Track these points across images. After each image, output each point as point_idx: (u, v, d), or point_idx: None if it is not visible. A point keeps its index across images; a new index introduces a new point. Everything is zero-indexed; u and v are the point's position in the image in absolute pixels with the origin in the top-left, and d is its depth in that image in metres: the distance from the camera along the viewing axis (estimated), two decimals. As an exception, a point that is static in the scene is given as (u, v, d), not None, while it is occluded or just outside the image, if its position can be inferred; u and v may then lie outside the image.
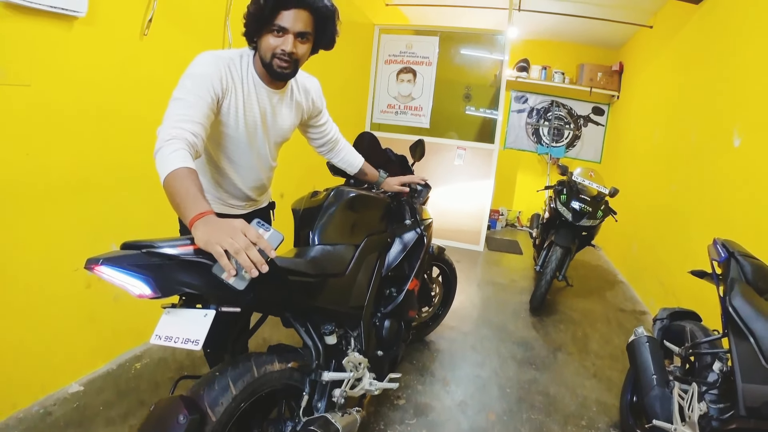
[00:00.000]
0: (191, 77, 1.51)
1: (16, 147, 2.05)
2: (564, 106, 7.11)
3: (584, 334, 3.59)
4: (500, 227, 7.16)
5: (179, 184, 1.26)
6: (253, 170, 1.86)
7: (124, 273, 1.13)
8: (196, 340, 1.26)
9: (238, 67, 1.65)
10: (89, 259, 1.12)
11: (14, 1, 1.87)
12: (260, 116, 1.74)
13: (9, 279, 2.09)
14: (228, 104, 1.63)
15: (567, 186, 4.12)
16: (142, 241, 1.20)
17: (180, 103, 1.45)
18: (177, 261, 1.20)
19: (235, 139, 1.72)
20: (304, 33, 1.60)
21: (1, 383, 2.11)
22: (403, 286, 2.37)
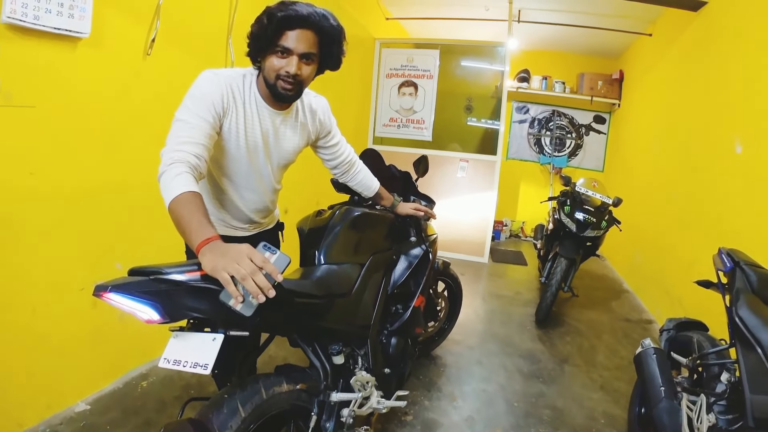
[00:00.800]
0: (192, 98, 1.52)
1: (21, 168, 2.08)
2: (565, 116, 7.14)
3: (591, 346, 3.58)
4: (504, 238, 7.18)
5: (184, 210, 1.26)
6: (256, 192, 1.83)
7: (133, 299, 1.14)
8: (205, 365, 1.27)
9: (240, 86, 1.63)
10: (98, 285, 1.13)
11: (19, 23, 1.91)
12: (262, 138, 1.71)
13: (15, 298, 2.11)
14: (229, 124, 1.61)
15: (570, 197, 4.12)
16: (149, 267, 1.21)
17: (182, 125, 1.46)
18: (184, 287, 1.21)
19: (236, 160, 1.70)
20: (308, 54, 1.58)
21: (8, 403, 2.12)
22: (409, 303, 2.37)
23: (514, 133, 7.31)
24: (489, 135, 5.90)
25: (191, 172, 1.37)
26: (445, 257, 5.52)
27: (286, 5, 1.53)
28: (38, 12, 1.95)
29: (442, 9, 5.68)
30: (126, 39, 2.43)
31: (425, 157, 2.70)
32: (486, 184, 5.69)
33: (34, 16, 1.94)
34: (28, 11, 1.91)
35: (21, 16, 1.90)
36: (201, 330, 1.35)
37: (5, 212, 2.04)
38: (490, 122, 5.90)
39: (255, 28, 1.57)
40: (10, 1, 1.85)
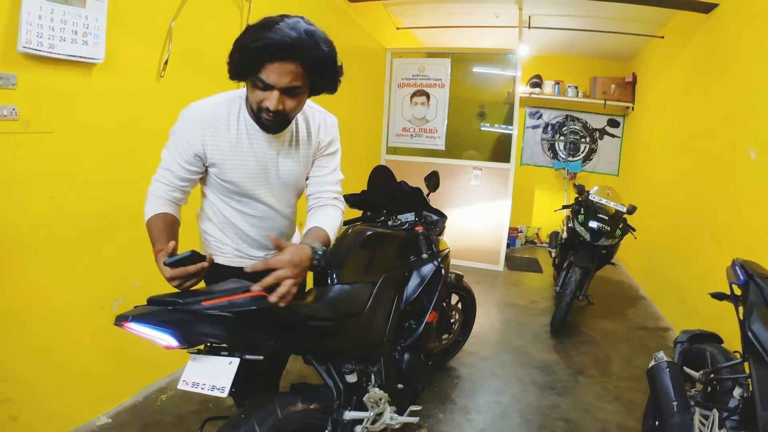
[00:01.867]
0: (171, 137, 1.62)
1: (41, 191, 2.16)
2: (579, 120, 7.12)
3: (606, 356, 3.58)
4: (519, 245, 7.16)
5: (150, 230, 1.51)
6: (268, 220, 1.76)
7: (152, 328, 1.22)
8: (222, 388, 1.34)
9: (225, 121, 1.56)
10: (119, 316, 1.21)
11: (35, 52, 1.97)
12: (259, 164, 1.63)
13: (37, 317, 2.19)
14: (220, 159, 1.57)
15: (584, 205, 4.12)
16: (167, 297, 1.29)
17: (162, 163, 1.63)
18: (200, 315, 1.27)
19: (239, 192, 1.66)
20: (292, 88, 1.43)
21: (31, 418, 2.20)
22: (422, 319, 2.40)
23: (528, 138, 7.31)
24: (502, 142, 5.91)
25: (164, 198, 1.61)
26: (460, 266, 5.62)
27: (264, 30, 1.36)
28: (53, 41, 2.02)
29: (453, 18, 5.70)
30: (139, 62, 2.50)
31: (436, 173, 2.74)
32: (500, 191, 5.70)
33: (49, 45, 2.01)
34: (43, 40, 1.98)
35: (37, 45, 1.97)
36: (218, 353, 1.41)
37: (28, 235, 2.13)
38: (503, 128, 5.91)
39: (235, 55, 1.42)
40: (26, 32, 1.92)
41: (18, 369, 2.14)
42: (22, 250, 2.12)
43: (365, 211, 2.59)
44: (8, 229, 2.06)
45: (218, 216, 1.73)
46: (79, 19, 2.09)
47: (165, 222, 1.53)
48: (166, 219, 1.54)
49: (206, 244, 1.81)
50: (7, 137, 2.00)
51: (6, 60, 1.94)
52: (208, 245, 1.79)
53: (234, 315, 1.29)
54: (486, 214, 5.77)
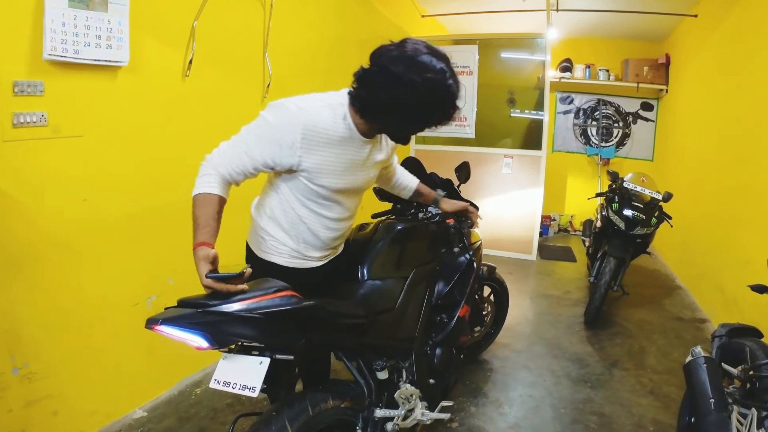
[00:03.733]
0: (262, 125, 1.56)
1: (74, 194, 2.23)
2: (611, 104, 6.97)
3: (641, 348, 3.52)
4: (552, 233, 7.07)
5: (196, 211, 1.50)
6: (341, 222, 1.79)
7: (182, 330, 1.25)
8: (252, 387, 1.37)
9: (328, 125, 1.56)
10: (149, 318, 1.24)
11: (60, 59, 2.03)
12: (352, 169, 1.67)
13: (75, 316, 2.27)
14: (315, 167, 1.58)
15: (618, 193, 4.03)
16: (197, 299, 1.32)
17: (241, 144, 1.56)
18: (230, 317, 1.30)
19: (327, 197, 1.67)
20: None
21: (70, 412, 2.29)
22: (454, 313, 2.40)
23: (559, 124, 7.19)
24: (533, 129, 5.83)
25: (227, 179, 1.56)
26: (492, 256, 5.62)
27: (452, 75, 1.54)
28: (77, 46, 2.06)
29: (478, 3, 5.63)
30: (164, 63, 2.54)
31: (467, 164, 2.72)
32: (532, 180, 5.63)
33: (74, 51, 2.06)
34: (68, 47, 2.03)
35: (62, 52, 2.02)
36: (249, 352, 1.44)
37: (63, 237, 2.20)
38: (534, 114, 5.83)
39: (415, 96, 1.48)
40: (50, 39, 1.97)
41: (57, 366, 2.22)
42: (58, 252, 2.19)
43: (395, 203, 2.58)
44: (44, 232, 2.14)
45: (289, 215, 1.70)
46: (102, 23, 2.13)
47: (216, 208, 1.51)
48: (219, 204, 1.53)
49: (260, 241, 1.78)
50: (38, 143, 2.06)
51: (33, 68, 2.00)
52: (263, 242, 1.77)
53: (263, 316, 1.32)
54: (518, 202, 5.71)
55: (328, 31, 3.88)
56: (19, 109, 1.99)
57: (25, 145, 2.03)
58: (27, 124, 2.01)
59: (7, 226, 2.03)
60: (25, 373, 2.13)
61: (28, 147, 2.05)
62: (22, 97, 1.98)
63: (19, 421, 2.12)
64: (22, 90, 1.98)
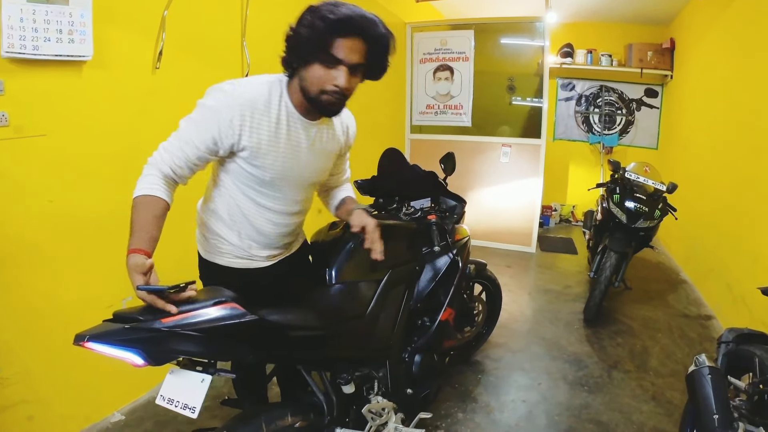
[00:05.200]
0: (200, 110, 1.49)
1: (39, 195, 2.18)
2: (614, 91, 6.77)
3: (643, 348, 3.37)
4: (554, 224, 6.91)
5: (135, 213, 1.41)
6: (285, 216, 1.69)
7: (113, 347, 1.14)
8: (193, 408, 1.28)
9: (265, 101, 1.50)
10: (77, 335, 1.15)
11: (19, 56, 1.97)
12: (293, 153, 1.58)
13: (47, 319, 2.22)
14: (256, 142, 1.49)
15: (620, 184, 3.86)
16: (132, 312, 1.21)
17: (180, 134, 1.50)
18: (164, 333, 1.19)
19: (265, 183, 1.58)
20: (358, 66, 1.45)
21: (49, 415, 2.26)
22: (436, 316, 2.26)
23: (561, 111, 7.00)
24: (532, 116, 5.66)
25: (167, 174, 1.47)
26: (490, 248, 5.52)
27: (336, 6, 1.38)
28: (37, 42, 2.00)
29: (475, -14, 5.46)
30: (132, 55, 2.45)
31: (452, 154, 2.57)
32: (531, 169, 5.47)
33: (33, 47, 2.00)
34: (26, 43, 1.97)
35: (20, 48, 1.96)
36: (195, 367, 1.34)
37: (30, 239, 2.16)
38: (533, 101, 5.67)
39: (304, 30, 1.40)
40: (7, 36, 1.91)
41: (32, 370, 2.21)
42: (28, 255, 2.16)
43: (377, 197, 2.44)
44: (12, 235, 2.10)
45: (231, 209, 1.63)
46: (62, 17, 2.06)
47: (155, 212, 1.42)
48: (160, 208, 1.43)
49: (203, 240, 1.72)
50: (0, 144, 2.01)
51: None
52: (206, 242, 1.71)
53: (200, 333, 1.20)
54: (517, 193, 5.56)
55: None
56: None
57: None
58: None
59: None
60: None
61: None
62: None
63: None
64: None
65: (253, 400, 1.91)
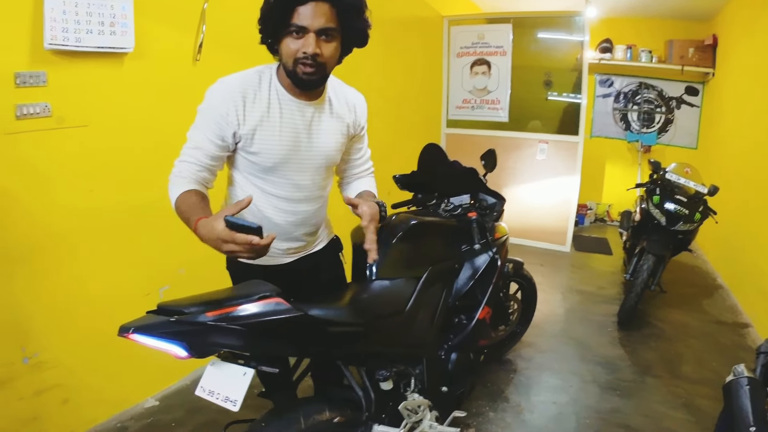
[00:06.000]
0: (200, 114, 1.54)
1: (80, 185, 2.23)
2: (653, 88, 6.62)
3: (676, 354, 3.34)
4: (588, 223, 6.81)
5: (182, 208, 1.41)
6: (295, 203, 1.66)
7: (157, 339, 1.16)
8: (234, 401, 1.30)
9: (255, 86, 1.52)
10: (122, 326, 1.16)
11: (61, 47, 2.01)
12: (293, 136, 1.56)
13: (84, 306, 2.29)
14: (251, 129, 1.51)
15: (660, 185, 3.81)
16: (176, 305, 1.23)
17: (188, 143, 1.54)
18: (210, 326, 1.21)
19: (268, 169, 1.58)
20: (327, 30, 1.41)
21: (80, 401, 2.34)
22: (474, 314, 2.27)
23: (598, 108, 6.88)
24: (570, 113, 5.59)
25: (191, 178, 1.50)
26: (524, 245, 5.51)
27: None
28: (79, 34, 2.05)
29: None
30: (173, 48, 2.50)
31: (493, 151, 2.57)
32: (568, 167, 5.41)
33: (75, 39, 2.04)
34: (69, 35, 2.02)
35: (62, 41, 2.01)
36: (236, 359, 1.36)
37: (70, 228, 2.22)
38: (571, 97, 5.59)
39: (263, 7, 1.44)
40: (50, 28, 1.96)
41: (69, 356, 2.26)
42: (66, 243, 2.21)
43: (416, 193, 2.45)
44: (51, 224, 2.15)
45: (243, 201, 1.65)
46: (104, 9, 2.10)
47: (197, 197, 1.44)
48: (198, 195, 1.45)
49: None
50: (42, 134, 2.07)
51: (35, 58, 2.00)
52: None
53: (244, 327, 1.23)
54: (552, 190, 5.51)
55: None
56: (21, 100, 1.99)
57: (29, 137, 2.04)
58: (30, 116, 2.01)
59: (14, 219, 2.05)
60: (35, 363, 2.17)
61: (32, 138, 2.05)
62: (24, 88, 1.99)
63: (30, 409, 2.17)
64: (24, 81, 1.98)
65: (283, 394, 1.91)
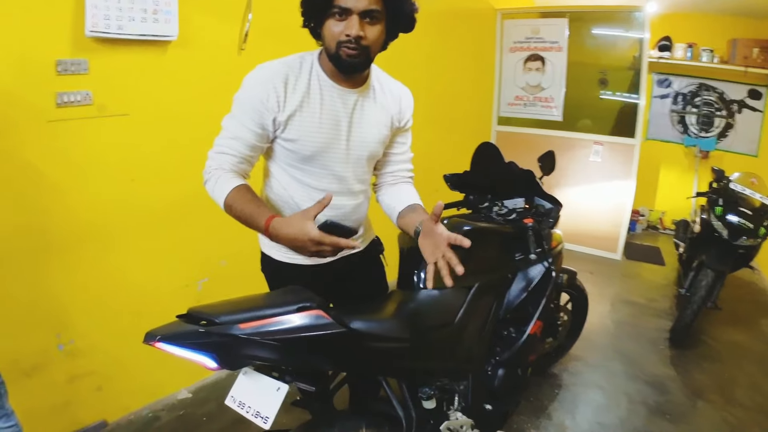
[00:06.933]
0: (237, 102, 1.51)
1: (121, 174, 2.26)
2: (714, 90, 6.31)
3: (730, 377, 3.15)
4: (640, 230, 6.54)
5: (237, 206, 1.38)
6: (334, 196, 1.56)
7: (184, 349, 1.12)
8: (265, 417, 1.25)
9: (296, 73, 1.49)
10: (148, 333, 1.13)
11: (103, 35, 2.01)
12: (333, 124, 1.53)
13: (123, 296, 2.35)
14: (289, 115, 1.47)
15: (723, 195, 3.60)
16: (208, 312, 1.19)
17: (225, 133, 1.51)
18: (243, 339, 1.16)
19: (306, 158, 1.53)
20: (370, 12, 1.37)
21: (114, 389, 2.43)
22: (525, 328, 2.15)
23: (655, 110, 6.59)
24: (626, 113, 5.38)
25: (234, 172, 1.48)
26: (572, 251, 5.36)
27: None
28: (121, 21, 2.04)
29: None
30: (217, 37, 2.48)
31: (552, 153, 2.45)
32: (623, 171, 5.22)
33: (117, 27, 2.03)
34: (111, 22, 2.01)
35: (104, 28, 2.00)
36: (270, 372, 1.30)
37: (111, 218, 2.25)
38: (628, 97, 5.39)
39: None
40: (91, 15, 1.95)
41: (104, 344, 2.31)
42: (104, 232, 2.24)
43: (468, 194, 2.36)
44: (90, 213, 2.19)
45: (281, 194, 1.62)
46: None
47: (251, 193, 1.42)
48: (250, 190, 1.43)
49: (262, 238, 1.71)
50: (83, 122, 2.09)
51: (76, 46, 2.01)
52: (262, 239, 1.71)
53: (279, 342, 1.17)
54: (605, 194, 5.33)
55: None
56: (62, 88, 2.01)
57: (70, 125, 2.07)
58: (71, 104, 2.04)
59: (53, 207, 2.08)
60: (70, 350, 2.26)
61: (73, 126, 2.08)
62: (65, 76, 2.01)
63: (63, 394, 2.27)
64: (66, 69, 2.00)
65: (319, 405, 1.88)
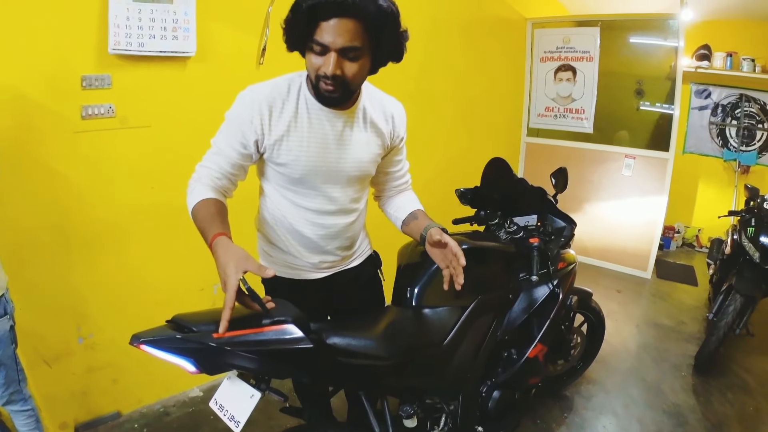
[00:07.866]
0: (226, 120, 1.55)
1: (142, 182, 2.43)
2: (756, 101, 6.07)
3: (756, 410, 3.01)
4: (675, 247, 6.36)
5: (200, 216, 1.42)
6: (326, 216, 1.65)
7: (166, 353, 1.19)
8: (237, 422, 1.30)
9: (283, 95, 1.51)
10: (133, 335, 1.21)
11: (125, 52, 2.18)
12: (322, 147, 1.54)
13: (142, 296, 2.54)
14: (277, 138, 1.50)
15: (757, 215, 3.47)
16: (189, 320, 1.26)
17: (212, 148, 1.57)
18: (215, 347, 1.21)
19: (297, 180, 1.57)
20: (350, 48, 1.35)
21: (130, 382, 2.62)
22: (525, 351, 2.14)
23: (693, 122, 6.39)
24: (661, 126, 5.28)
25: (210, 185, 1.53)
26: (600, 267, 5.30)
27: None
28: (142, 39, 2.20)
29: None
30: (236, 51, 2.60)
31: (564, 170, 2.42)
32: (655, 186, 5.12)
33: (139, 44, 2.20)
34: (132, 40, 2.18)
35: (126, 46, 2.18)
36: (249, 379, 1.36)
37: (131, 223, 2.46)
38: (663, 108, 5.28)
39: (289, 17, 1.38)
40: (114, 34, 2.13)
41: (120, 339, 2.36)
42: (125, 236, 2.47)
43: (479, 209, 2.34)
44: (112, 217, 2.40)
45: (275, 214, 1.67)
46: (167, 15, 2.25)
47: (215, 207, 1.46)
48: (216, 204, 1.47)
49: (261, 252, 1.81)
50: (107, 133, 2.29)
51: (100, 62, 2.21)
52: (262, 254, 1.80)
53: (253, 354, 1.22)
54: (637, 210, 5.23)
55: (426, 12, 3.67)
56: (87, 102, 2.22)
57: (94, 136, 2.27)
58: (95, 116, 2.25)
59: (77, 211, 2.30)
60: (90, 343, 2.48)
61: (97, 137, 2.28)
62: (90, 90, 2.21)
63: (81, 384, 2.50)
64: (90, 84, 2.20)
65: (316, 411, 1.91)
